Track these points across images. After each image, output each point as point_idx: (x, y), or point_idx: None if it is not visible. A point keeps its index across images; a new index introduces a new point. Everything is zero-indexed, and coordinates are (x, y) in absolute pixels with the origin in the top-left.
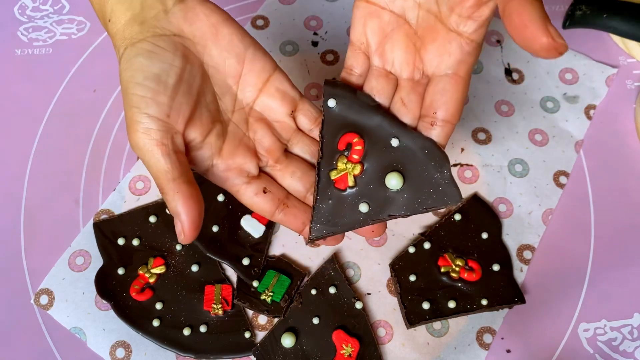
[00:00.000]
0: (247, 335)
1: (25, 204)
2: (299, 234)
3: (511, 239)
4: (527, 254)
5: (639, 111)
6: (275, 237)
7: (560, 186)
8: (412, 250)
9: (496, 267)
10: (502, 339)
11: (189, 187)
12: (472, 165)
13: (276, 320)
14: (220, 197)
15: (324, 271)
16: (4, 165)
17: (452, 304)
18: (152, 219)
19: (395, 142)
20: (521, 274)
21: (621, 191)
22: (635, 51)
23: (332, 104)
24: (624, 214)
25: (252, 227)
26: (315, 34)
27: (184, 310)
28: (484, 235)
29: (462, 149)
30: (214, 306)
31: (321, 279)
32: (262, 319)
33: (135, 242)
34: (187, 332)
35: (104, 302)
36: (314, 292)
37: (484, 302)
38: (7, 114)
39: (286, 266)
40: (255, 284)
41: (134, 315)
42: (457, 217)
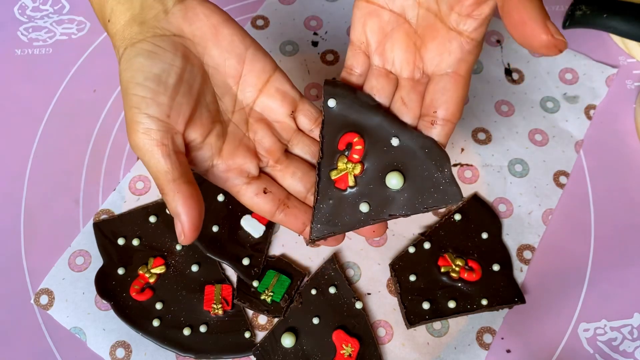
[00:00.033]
0: (247, 335)
1: (25, 204)
2: (299, 234)
3: (511, 239)
4: (527, 254)
5: (639, 111)
6: (275, 237)
7: (560, 186)
8: (412, 250)
9: (496, 267)
10: (502, 339)
11: (189, 188)
12: (472, 165)
13: (276, 320)
14: (220, 197)
15: (324, 271)
16: (4, 165)
17: (452, 304)
18: (152, 219)
19: (395, 142)
20: (521, 274)
21: (621, 191)
22: (635, 51)
23: (332, 103)
24: (624, 214)
25: (252, 227)
26: (315, 34)
27: (184, 310)
28: (484, 235)
29: (462, 149)
30: (214, 306)
31: (321, 279)
32: (262, 319)
33: (135, 242)
34: (187, 332)
35: (104, 302)
36: (314, 292)
37: (484, 302)
38: (7, 114)
39: (286, 266)
40: (255, 284)
41: (134, 315)
42: (457, 217)
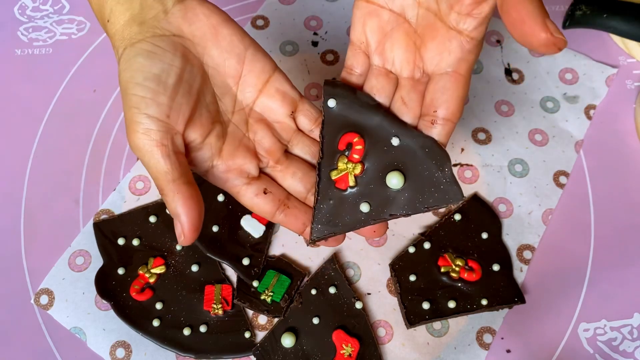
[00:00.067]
0: (247, 335)
1: (25, 204)
2: (299, 235)
3: (511, 239)
4: (527, 254)
5: (639, 111)
6: (275, 237)
7: (560, 186)
8: (412, 250)
9: (496, 267)
10: (502, 339)
11: (189, 188)
12: (472, 165)
13: (276, 320)
14: (220, 197)
15: (324, 271)
16: (4, 165)
17: (452, 304)
18: (152, 219)
19: (395, 141)
20: (521, 274)
21: (621, 191)
22: (635, 51)
23: (332, 104)
24: (624, 214)
25: (252, 227)
26: (315, 34)
27: (184, 310)
28: (484, 235)
29: (462, 149)
30: (214, 306)
31: (321, 279)
32: (262, 319)
33: (135, 242)
34: (187, 332)
35: (104, 302)
36: (314, 292)
37: (484, 302)
38: (7, 114)
39: (286, 266)
40: (255, 284)
41: (134, 315)
42: (457, 217)
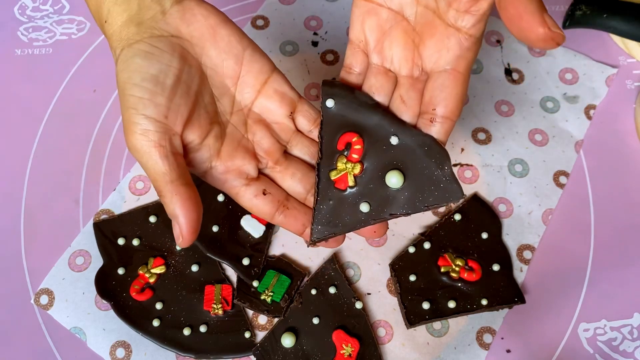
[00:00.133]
0: (247, 335)
1: (25, 204)
2: (299, 236)
3: (511, 239)
4: (527, 254)
5: (639, 111)
6: (275, 237)
7: (560, 186)
8: (412, 250)
9: (496, 267)
10: (502, 339)
11: (187, 190)
12: (472, 165)
13: (276, 320)
14: (220, 197)
15: (324, 271)
16: (4, 165)
17: (452, 304)
18: (152, 219)
19: (394, 140)
20: (521, 274)
21: (621, 191)
22: (635, 51)
23: (330, 104)
24: (624, 214)
25: (252, 227)
26: (315, 34)
27: (184, 310)
28: (484, 235)
29: (462, 149)
30: (214, 306)
31: (321, 279)
32: (262, 319)
33: (135, 242)
34: (187, 332)
35: (104, 302)
36: (314, 292)
37: (484, 302)
38: (7, 114)
39: (286, 266)
40: (255, 284)
41: (134, 315)
42: (457, 217)
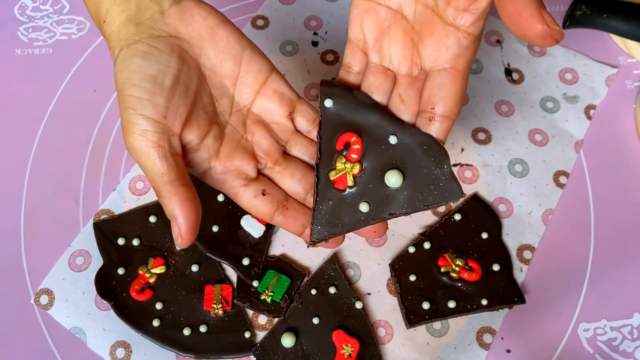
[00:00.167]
0: (247, 335)
1: (25, 204)
2: (298, 236)
3: (511, 239)
4: (527, 254)
5: (639, 111)
6: (275, 237)
7: (560, 186)
8: (412, 250)
9: (496, 267)
10: (502, 339)
11: (186, 190)
12: (472, 165)
13: (276, 320)
14: (220, 197)
15: (324, 271)
16: (4, 165)
17: (452, 304)
18: (152, 219)
19: (393, 140)
20: (521, 274)
21: (621, 191)
22: (635, 51)
23: (328, 104)
24: (624, 214)
25: (252, 227)
26: (315, 34)
27: (184, 310)
28: (484, 235)
29: (462, 149)
30: (214, 306)
31: (321, 279)
32: (262, 319)
33: (135, 242)
34: (187, 332)
35: (104, 302)
36: (314, 292)
37: (484, 302)
38: (7, 114)
39: (286, 266)
40: (255, 284)
41: (134, 315)
42: (457, 217)
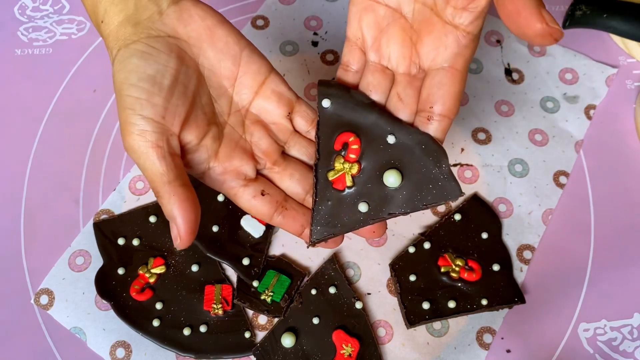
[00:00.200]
0: (247, 335)
1: (25, 204)
2: (297, 236)
3: (511, 239)
4: (527, 254)
5: (639, 111)
6: (275, 237)
7: (560, 186)
8: (412, 250)
9: (496, 267)
10: (502, 339)
11: (185, 190)
12: (472, 165)
13: (276, 320)
14: (220, 197)
15: (324, 271)
16: (4, 165)
17: (452, 304)
18: (152, 219)
19: (391, 139)
20: (521, 274)
21: (621, 191)
22: (635, 51)
23: (326, 104)
24: (624, 214)
25: (252, 227)
26: (315, 34)
27: (184, 310)
28: (484, 235)
29: (462, 149)
30: (214, 306)
31: (321, 279)
32: (262, 319)
33: (135, 242)
34: (187, 332)
35: (104, 302)
36: (314, 292)
37: (484, 302)
38: (7, 114)
39: (286, 266)
40: (255, 284)
41: (134, 315)
42: (457, 217)
